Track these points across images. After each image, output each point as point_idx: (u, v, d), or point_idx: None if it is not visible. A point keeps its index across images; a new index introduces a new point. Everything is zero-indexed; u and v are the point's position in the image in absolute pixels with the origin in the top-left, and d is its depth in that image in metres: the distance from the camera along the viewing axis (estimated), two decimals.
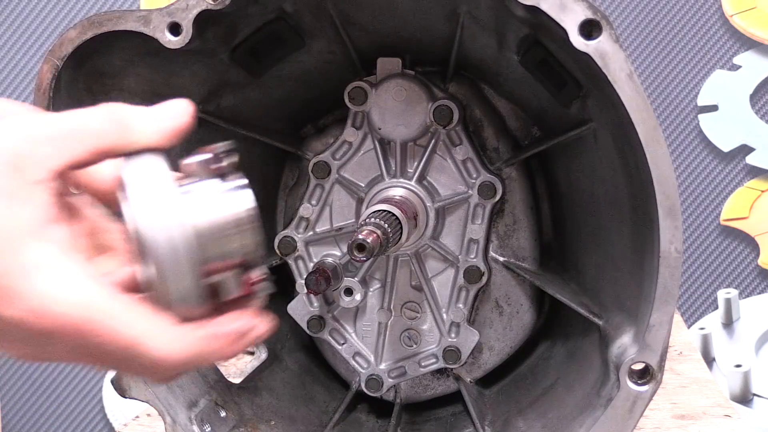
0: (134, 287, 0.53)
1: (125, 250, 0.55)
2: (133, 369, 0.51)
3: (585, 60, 0.73)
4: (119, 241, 0.57)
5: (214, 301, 0.54)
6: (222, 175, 0.54)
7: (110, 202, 0.56)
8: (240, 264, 0.54)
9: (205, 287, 0.52)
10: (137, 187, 0.51)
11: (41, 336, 0.47)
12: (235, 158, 0.55)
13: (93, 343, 0.48)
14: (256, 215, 0.54)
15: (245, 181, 0.54)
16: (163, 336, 0.50)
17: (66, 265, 0.48)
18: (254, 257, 0.54)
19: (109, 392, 2.41)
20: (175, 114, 0.54)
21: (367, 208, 1.00)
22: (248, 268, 0.55)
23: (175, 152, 0.54)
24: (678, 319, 1.48)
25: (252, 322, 0.54)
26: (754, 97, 2.39)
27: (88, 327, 0.48)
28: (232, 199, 0.53)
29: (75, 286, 0.47)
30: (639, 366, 0.75)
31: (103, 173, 0.56)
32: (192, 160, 0.54)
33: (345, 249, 1.00)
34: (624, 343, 0.78)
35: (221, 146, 0.55)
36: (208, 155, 0.54)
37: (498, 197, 1.02)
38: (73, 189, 0.56)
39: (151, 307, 0.50)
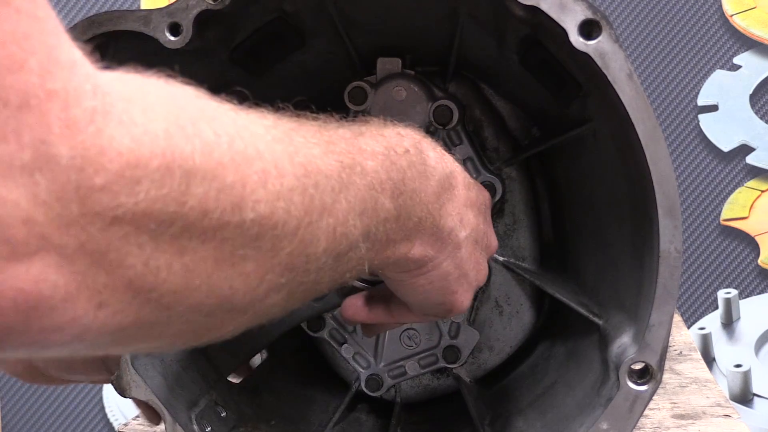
0: None
1: None
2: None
3: (585, 60, 0.73)
4: None
5: None
6: None
7: None
8: None
9: None
10: None
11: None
12: None
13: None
14: None
15: None
16: None
17: None
18: None
19: (109, 392, 2.41)
20: None
21: None
22: None
23: None
24: (678, 319, 1.48)
25: None
26: (754, 97, 2.39)
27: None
28: None
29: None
30: (639, 366, 0.75)
31: None
32: None
33: None
34: (624, 343, 0.78)
35: None
36: None
37: (498, 197, 1.02)
38: None
39: None
